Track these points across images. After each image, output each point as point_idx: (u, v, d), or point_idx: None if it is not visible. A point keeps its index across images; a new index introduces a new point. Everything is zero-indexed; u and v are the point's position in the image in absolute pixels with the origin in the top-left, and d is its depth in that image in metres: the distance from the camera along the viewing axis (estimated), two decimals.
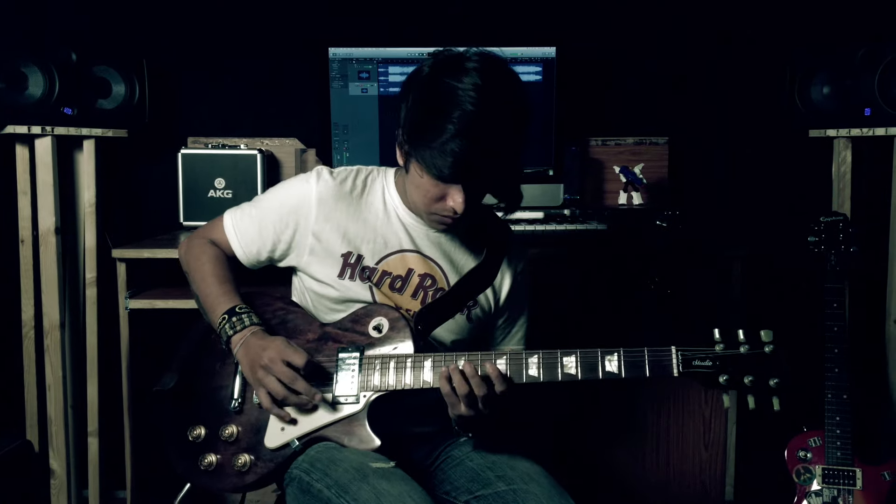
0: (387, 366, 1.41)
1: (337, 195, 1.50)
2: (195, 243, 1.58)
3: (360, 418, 1.40)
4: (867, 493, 1.98)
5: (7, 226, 2.35)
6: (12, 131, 2.16)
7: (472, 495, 1.43)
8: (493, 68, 1.34)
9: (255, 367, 1.40)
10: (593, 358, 1.32)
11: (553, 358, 1.34)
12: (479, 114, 1.29)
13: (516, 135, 1.38)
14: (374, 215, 1.52)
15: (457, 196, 1.37)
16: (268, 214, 1.52)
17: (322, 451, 1.40)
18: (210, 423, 1.47)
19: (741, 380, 1.28)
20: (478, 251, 1.55)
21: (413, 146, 1.36)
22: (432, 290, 1.51)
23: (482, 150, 1.31)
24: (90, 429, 2.35)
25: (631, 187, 2.50)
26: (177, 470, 1.47)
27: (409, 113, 1.37)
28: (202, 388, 1.51)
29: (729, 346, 1.29)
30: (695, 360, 1.29)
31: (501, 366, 1.34)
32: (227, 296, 1.49)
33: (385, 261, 1.51)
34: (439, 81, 1.33)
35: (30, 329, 2.31)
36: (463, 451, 1.52)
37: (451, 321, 1.51)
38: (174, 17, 2.54)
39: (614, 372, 1.31)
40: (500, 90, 1.33)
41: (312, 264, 1.51)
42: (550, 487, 1.38)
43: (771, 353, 1.28)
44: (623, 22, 2.57)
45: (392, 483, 1.30)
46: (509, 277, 1.57)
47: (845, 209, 2.23)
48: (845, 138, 2.23)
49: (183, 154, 2.34)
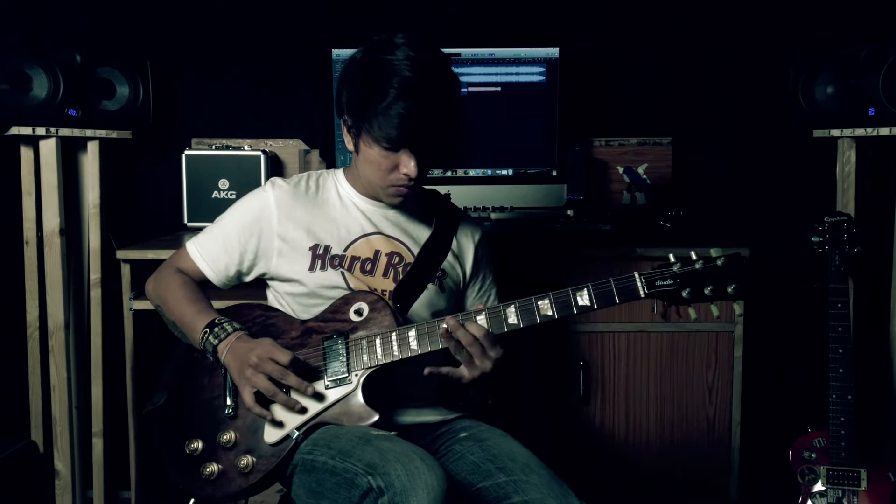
0: (373, 343, 1.46)
1: (293, 196, 1.58)
2: (162, 275, 1.63)
3: (355, 396, 1.44)
4: (872, 493, 1.97)
5: (12, 227, 2.36)
6: (17, 133, 2.16)
7: (473, 487, 1.44)
8: (421, 44, 1.45)
9: (244, 367, 1.42)
10: (565, 296, 1.41)
11: (528, 303, 1.42)
12: (416, 78, 1.40)
13: (453, 98, 1.48)
14: (332, 208, 1.60)
15: (409, 161, 1.46)
16: (231, 229, 1.58)
17: (323, 432, 1.43)
18: (206, 433, 1.48)
19: (702, 291, 1.37)
20: (430, 223, 1.65)
21: (359, 121, 1.46)
22: (401, 267, 1.58)
23: (425, 112, 1.41)
24: (94, 429, 2.35)
25: (634, 187, 2.50)
26: (178, 485, 1.48)
27: (351, 92, 1.48)
28: (193, 402, 1.52)
29: (685, 265, 1.38)
30: (657, 281, 1.38)
31: (482, 320, 1.42)
32: (204, 312, 1.52)
33: (352, 246, 1.57)
34: (374, 58, 1.44)
35: (34, 330, 2.31)
36: (464, 445, 1.53)
37: (427, 295, 1.58)
38: (178, 19, 2.54)
39: (587, 304, 1.40)
40: (431, 59, 1.45)
41: (282, 265, 1.56)
42: (550, 478, 1.40)
43: (724, 265, 1.37)
44: (626, 22, 2.57)
45: (395, 443, 1.35)
46: (470, 248, 1.68)
47: (849, 209, 2.23)
48: (849, 138, 2.22)
49: (187, 155, 2.35)
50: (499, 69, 2.40)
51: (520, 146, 2.44)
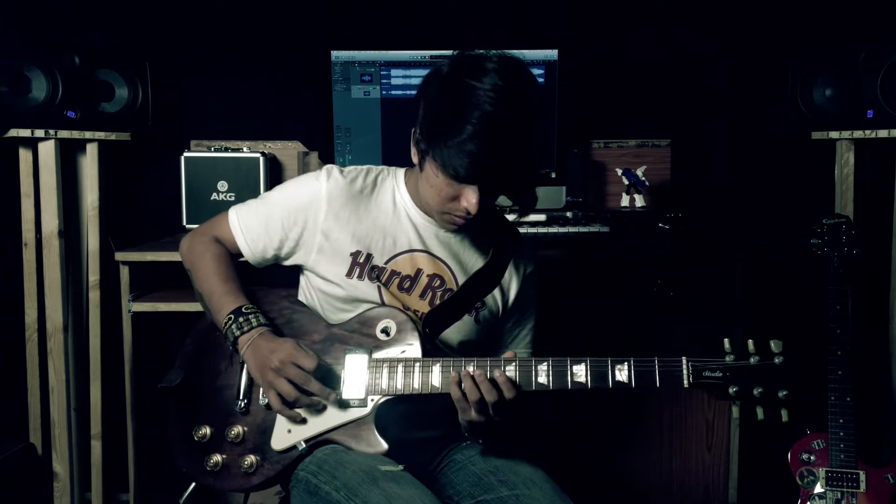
0: (395, 369, 1.40)
1: (347, 193, 1.49)
2: (198, 241, 1.55)
3: (367, 422, 1.40)
4: (870, 495, 1.97)
5: (10, 229, 2.35)
6: (16, 134, 2.16)
7: (474, 500, 1.43)
8: (512, 70, 1.34)
9: (265, 370, 1.39)
10: (603, 367, 1.32)
11: (563, 366, 1.33)
12: (498, 115, 1.29)
13: (533, 138, 1.38)
14: (384, 214, 1.51)
15: (471, 197, 1.36)
16: (276, 211, 1.51)
17: (329, 454, 1.39)
18: (216, 423, 1.47)
19: (751, 391, 1.27)
20: (486, 252, 1.55)
21: (430, 144, 1.36)
22: (441, 291, 1.51)
23: (499, 152, 1.31)
24: (93, 431, 2.35)
25: (633, 189, 2.50)
26: (181, 468, 1.47)
27: (427, 111, 1.38)
28: (207, 387, 1.50)
29: (739, 357, 1.29)
30: (705, 371, 1.28)
31: (511, 373, 1.34)
32: (232, 295, 1.47)
33: (394, 260, 1.50)
34: (459, 81, 1.33)
35: (33, 332, 2.31)
36: (466, 455, 1.52)
37: (460, 322, 1.50)
38: (177, 21, 2.54)
39: (624, 381, 1.31)
40: (519, 92, 1.33)
41: (321, 263, 1.50)
42: (552, 492, 1.38)
43: (781, 365, 1.27)
44: (625, 24, 2.57)
45: (402, 486, 1.29)
46: (517, 280, 1.57)
47: (848, 211, 2.23)
48: (848, 140, 2.23)
49: (186, 157, 2.35)
50: None
51: None
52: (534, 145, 1.40)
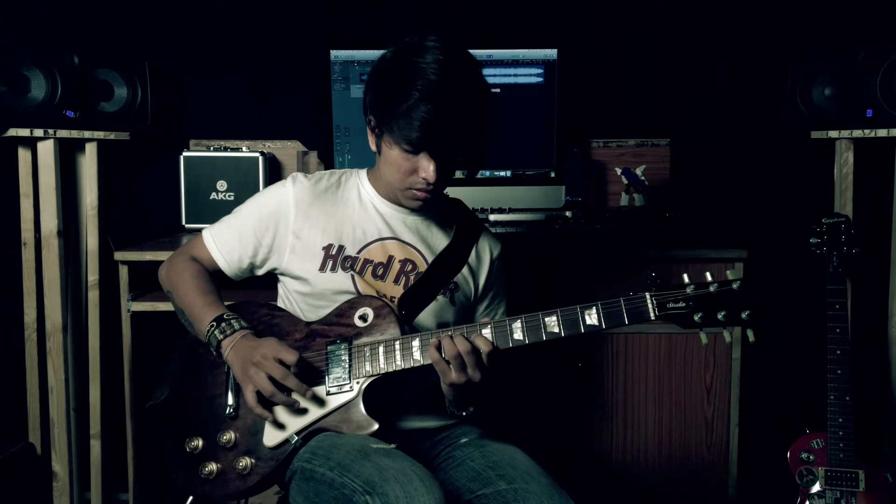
0: (376, 351, 1.44)
1: (313, 194, 1.57)
2: (176, 261, 1.62)
3: (355, 405, 1.42)
4: (870, 494, 1.97)
5: (9, 229, 2.35)
6: (15, 134, 2.16)
7: (473, 494, 1.43)
8: (452, 48, 1.45)
9: (247, 365, 1.42)
10: (573, 313, 1.37)
11: (535, 320, 1.38)
12: (441, 82, 1.40)
13: (478, 107, 1.46)
14: (351, 208, 1.58)
15: (427, 165, 1.44)
16: (247, 221, 1.57)
17: (322, 440, 1.42)
18: (207, 432, 1.48)
19: (714, 316, 1.32)
20: (450, 234, 1.62)
21: (381, 121, 1.46)
22: (413, 275, 1.56)
23: (446, 116, 1.40)
24: (92, 431, 2.35)
25: (633, 189, 2.50)
26: (178, 483, 1.48)
27: (376, 91, 1.48)
28: (195, 399, 1.52)
29: (699, 287, 1.34)
30: (669, 303, 1.34)
31: (487, 333, 1.39)
32: (213, 305, 1.52)
33: (366, 249, 1.56)
34: (403, 60, 1.44)
35: (32, 332, 2.31)
36: (464, 451, 1.53)
37: (436, 305, 1.55)
38: (176, 20, 2.54)
39: (595, 324, 1.36)
40: (460, 65, 1.44)
41: (294, 262, 1.55)
42: (550, 486, 1.39)
43: (739, 289, 1.32)
44: (624, 23, 2.57)
45: (394, 459, 1.33)
46: (486, 262, 1.64)
47: (847, 210, 2.23)
48: (847, 140, 2.23)
49: (185, 156, 2.35)
50: (497, 71, 2.40)
51: (518, 148, 2.44)
52: (481, 116, 1.47)
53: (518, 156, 2.44)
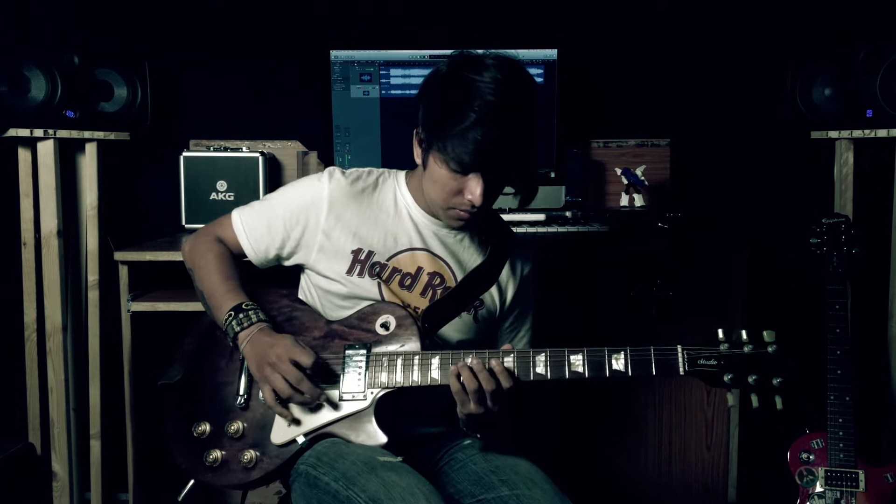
0: (394, 363, 1.41)
1: (348, 194, 1.53)
2: (201, 241, 1.58)
3: (367, 415, 1.41)
4: (870, 495, 1.97)
5: (9, 229, 2.35)
6: (14, 134, 2.16)
7: (475, 499, 1.43)
8: (511, 65, 1.39)
9: (263, 364, 1.40)
10: (600, 356, 1.34)
11: (560, 356, 1.35)
12: (499, 104, 1.34)
13: (533, 129, 1.42)
14: (385, 213, 1.54)
15: (475, 188, 1.39)
16: (278, 211, 1.53)
17: (329, 447, 1.40)
18: (215, 419, 1.47)
19: (745, 379, 1.30)
20: (483, 251, 1.58)
21: (433, 137, 1.40)
22: (441, 289, 1.53)
23: (502, 139, 1.35)
24: (92, 431, 2.35)
25: (633, 189, 2.50)
26: (180, 465, 1.47)
27: (430, 107, 1.42)
28: (207, 384, 1.51)
29: (733, 346, 1.31)
30: (700, 359, 1.31)
31: (509, 363, 1.35)
32: (233, 292, 1.49)
33: (395, 258, 1.52)
34: (460, 76, 1.38)
35: (32, 332, 2.31)
36: (467, 454, 1.52)
37: (458, 320, 1.52)
38: (176, 20, 2.54)
39: (621, 370, 1.33)
40: (518, 85, 1.38)
41: (321, 261, 1.52)
42: (552, 492, 1.38)
43: (774, 353, 1.30)
44: (624, 24, 2.57)
45: (400, 475, 1.30)
46: (515, 279, 1.60)
47: (847, 211, 2.23)
48: (847, 140, 2.23)
49: (185, 156, 2.35)
50: None
51: None
52: (534, 138, 1.43)
53: None
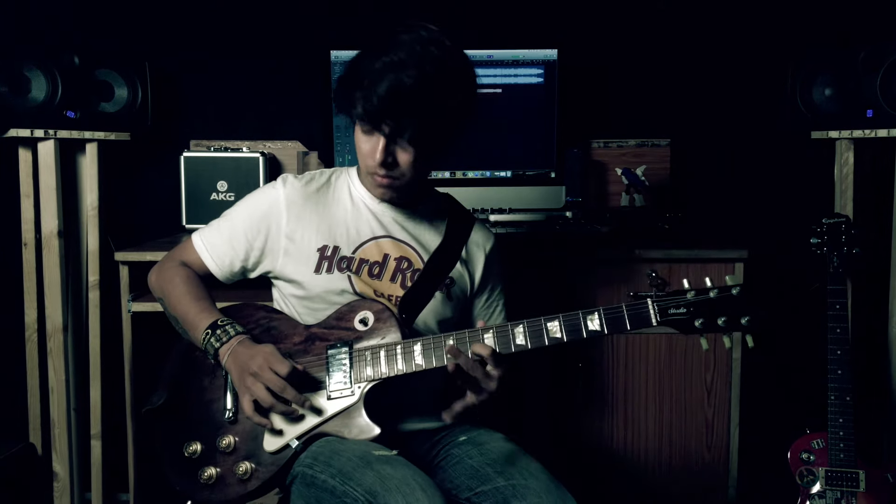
0: (377, 356, 1.43)
1: (304, 195, 1.57)
2: (166, 267, 1.60)
3: (357, 409, 1.42)
4: (870, 494, 1.97)
5: (10, 229, 2.36)
6: (15, 134, 2.16)
7: (472, 492, 1.44)
8: (436, 35, 1.43)
9: (244, 375, 1.41)
10: (576, 319, 1.38)
11: (538, 325, 1.39)
12: (409, 60, 1.36)
13: (448, 93, 1.41)
14: (343, 209, 1.58)
15: (377, 143, 1.42)
16: (238, 224, 1.56)
17: (324, 445, 1.41)
18: (205, 436, 1.47)
19: (715, 321, 1.34)
20: (442, 229, 1.62)
21: (349, 90, 1.41)
22: (409, 272, 1.55)
23: (406, 94, 1.35)
24: (93, 431, 2.35)
25: (633, 189, 2.50)
26: (175, 487, 1.47)
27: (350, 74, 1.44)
28: (193, 404, 1.51)
29: (699, 293, 1.35)
30: (670, 309, 1.36)
31: (489, 339, 1.39)
32: (206, 311, 1.50)
33: (361, 249, 1.55)
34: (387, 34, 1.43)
35: (33, 332, 2.31)
36: (463, 449, 1.53)
37: (434, 303, 1.55)
38: (176, 20, 2.54)
39: (597, 329, 1.37)
40: (435, 50, 1.40)
41: (288, 265, 1.54)
42: (549, 482, 1.39)
43: (738, 294, 1.33)
44: (624, 24, 2.57)
45: (395, 468, 1.32)
46: (481, 256, 1.64)
47: (847, 211, 2.23)
48: (847, 140, 2.23)
49: (185, 157, 2.35)
50: (497, 71, 2.40)
51: (518, 148, 2.44)
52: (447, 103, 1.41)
53: (518, 156, 2.44)
